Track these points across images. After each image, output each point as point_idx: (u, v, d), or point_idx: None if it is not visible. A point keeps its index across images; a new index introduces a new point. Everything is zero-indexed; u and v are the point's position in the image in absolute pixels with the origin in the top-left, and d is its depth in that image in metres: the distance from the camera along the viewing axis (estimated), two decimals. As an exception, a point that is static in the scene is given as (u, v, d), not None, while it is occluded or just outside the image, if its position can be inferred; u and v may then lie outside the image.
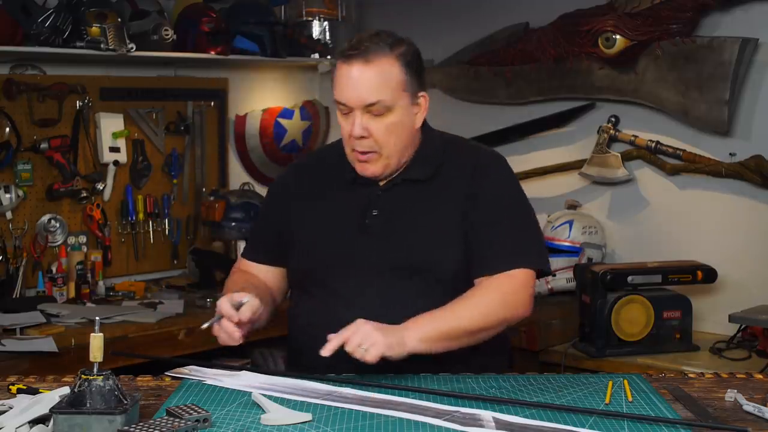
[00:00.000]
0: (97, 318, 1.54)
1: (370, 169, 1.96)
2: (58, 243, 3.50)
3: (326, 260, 2.00)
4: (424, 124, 2.04)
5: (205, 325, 1.88)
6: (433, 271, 1.94)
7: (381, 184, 2.01)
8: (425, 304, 1.89)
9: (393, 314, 1.87)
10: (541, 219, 3.61)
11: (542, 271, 2.02)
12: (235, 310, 1.85)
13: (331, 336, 1.76)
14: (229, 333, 1.85)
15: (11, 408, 1.58)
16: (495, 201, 1.98)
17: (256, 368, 1.80)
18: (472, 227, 1.95)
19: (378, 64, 1.89)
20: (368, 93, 1.89)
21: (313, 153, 2.32)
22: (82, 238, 3.58)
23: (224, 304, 1.86)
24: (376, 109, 1.90)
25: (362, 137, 1.92)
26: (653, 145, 3.39)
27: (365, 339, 1.74)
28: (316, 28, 4.14)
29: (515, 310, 1.93)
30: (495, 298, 1.90)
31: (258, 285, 2.07)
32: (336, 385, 1.75)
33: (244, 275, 2.15)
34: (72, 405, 1.45)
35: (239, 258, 2.25)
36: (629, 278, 3.00)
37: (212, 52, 3.68)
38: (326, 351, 1.74)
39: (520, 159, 3.82)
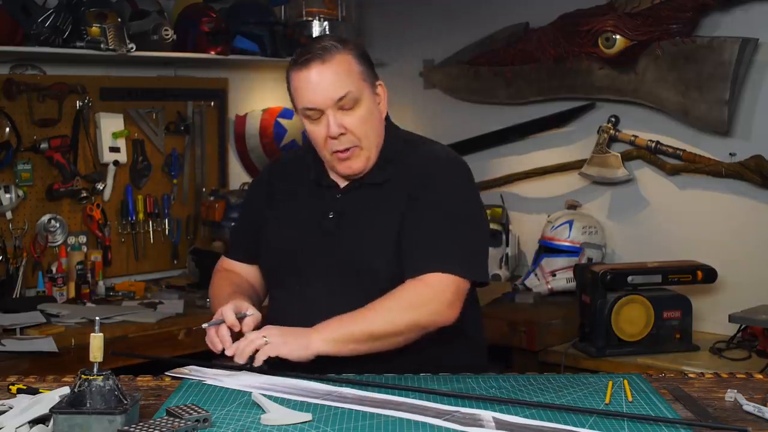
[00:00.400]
0: (97, 318, 1.54)
1: (354, 165, 1.99)
2: (58, 243, 3.50)
3: (283, 260, 2.06)
4: (388, 121, 2.07)
5: (205, 325, 1.91)
6: (375, 273, 1.95)
7: (341, 186, 2.04)
8: (367, 303, 1.91)
9: (337, 311, 1.90)
10: (541, 219, 3.63)
11: (479, 282, 2.01)
12: (237, 320, 1.89)
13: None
14: (223, 340, 1.88)
15: (11, 408, 1.58)
16: (432, 205, 1.97)
17: (255, 368, 1.81)
18: (403, 229, 1.96)
19: (334, 60, 1.93)
20: (335, 88, 1.92)
21: (288, 153, 2.38)
22: (82, 238, 3.58)
23: (228, 312, 1.90)
24: (346, 102, 1.93)
25: (340, 134, 1.94)
26: (653, 145, 3.39)
27: (256, 339, 1.82)
28: (316, 28, 4.14)
29: (429, 315, 1.90)
30: (402, 304, 1.89)
31: (244, 287, 2.12)
32: (336, 385, 1.75)
33: (228, 276, 2.19)
34: (72, 405, 1.45)
35: (221, 258, 2.29)
36: (629, 278, 3.00)
37: (212, 52, 3.69)
38: (229, 351, 1.85)
39: (520, 159, 3.83)
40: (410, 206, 1.97)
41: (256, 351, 1.81)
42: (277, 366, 1.83)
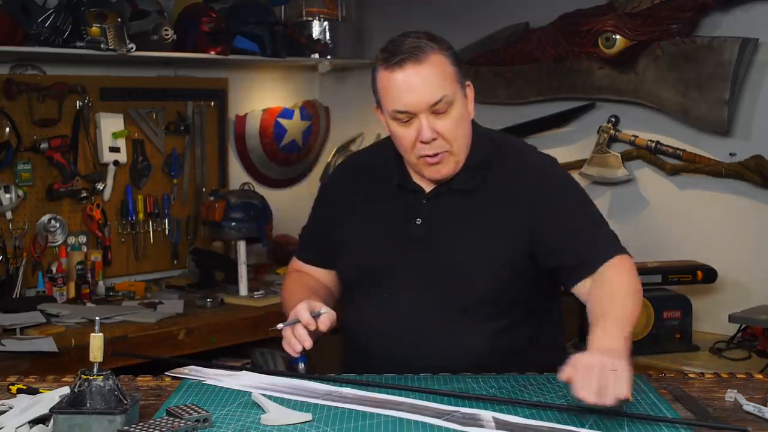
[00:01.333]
0: (97, 318, 1.54)
1: (443, 170, 1.89)
2: (58, 243, 3.50)
3: (363, 266, 1.97)
4: (473, 122, 1.97)
5: (280, 326, 1.83)
6: (471, 285, 1.87)
7: (427, 191, 1.95)
8: (458, 318, 1.87)
9: (424, 325, 1.86)
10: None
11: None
12: (312, 319, 1.81)
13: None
14: (301, 339, 1.80)
15: (11, 408, 1.58)
16: (561, 206, 1.89)
17: (256, 368, 1.80)
18: (548, 235, 1.87)
19: (429, 62, 1.82)
20: (431, 92, 1.81)
21: (360, 154, 2.23)
22: (82, 238, 3.58)
23: (303, 311, 1.81)
24: (440, 107, 1.82)
25: (432, 140, 1.84)
26: (653, 145, 3.39)
27: (604, 377, 1.50)
28: (316, 28, 4.14)
29: (639, 284, 1.85)
30: (629, 290, 1.81)
31: (317, 289, 2.04)
32: (336, 385, 1.75)
33: (301, 277, 2.10)
34: (72, 405, 1.45)
35: (293, 259, 2.19)
36: (629, 278, 2.99)
37: (212, 52, 3.68)
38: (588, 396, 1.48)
39: (520, 159, 3.82)
40: (535, 219, 1.87)
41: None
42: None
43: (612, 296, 1.78)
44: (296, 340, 1.81)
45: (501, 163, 1.94)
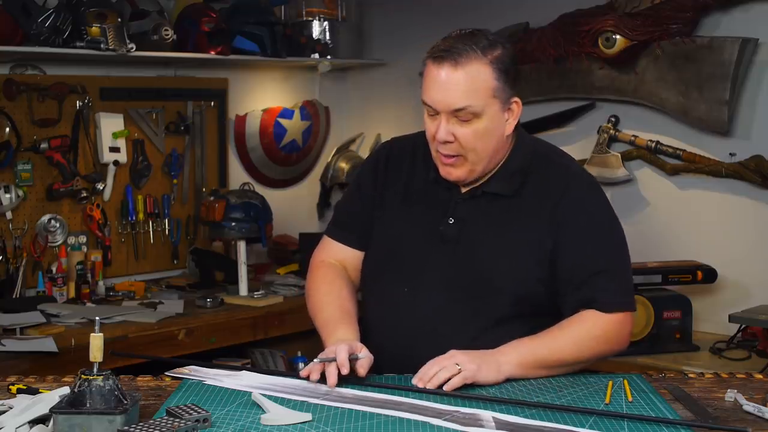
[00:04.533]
0: (97, 318, 1.54)
1: (455, 173, 1.88)
2: (58, 243, 3.50)
3: (391, 260, 1.95)
4: (518, 128, 1.95)
5: (317, 360, 1.77)
6: (500, 290, 1.86)
7: (462, 191, 1.93)
8: (484, 321, 1.85)
9: (449, 327, 1.85)
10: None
11: None
12: (348, 361, 1.75)
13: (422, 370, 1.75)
14: (329, 376, 1.73)
15: (11, 408, 1.58)
16: (587, 236, 1.87)
17: (256, 368, 1.79)
18: (562, 257, 1.86)
19: (468, 68, 1.80)
20: (456, 98, 1.81)
21: (404, 138, 2.14)
22: (82, 238, 3.58)
23: (342, 353, 1.75)
24: (463, 115, 1.81)
25: (447, 141, 1.85)
26: (653, 145, 3.39)
27: (449, 366, 1.72)
28: (316, 28, 4.14)
29: (611, 351, 1.89)
30: (590, 336, 1.84)
31: (350, 303, 1.98)
32: (336, 385, 1.74)
33: (333, 284, 2.01)
34: (72, 405, 1.45)
35: (324, 238, 2.10)
36: (629, 278, 2.99)
37: (212, 52, 3.69)
38: (417, 380, 1.74)
39: (520, 159, 3.82)
40: (563, 234, 1.86)
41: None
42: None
43: (558, 332, 1.84)
44: (317, 372, 1.75)
45: (541, 174, 1.92)
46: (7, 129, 3.35)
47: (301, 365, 3.75)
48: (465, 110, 1.81)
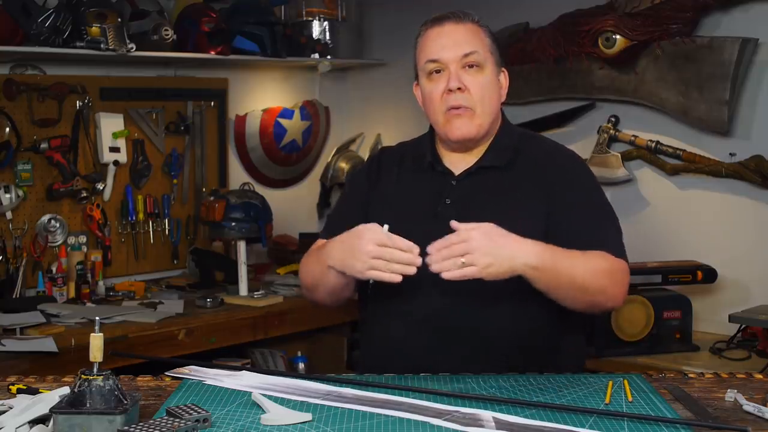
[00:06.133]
0: (97, 318, 1.54)
1: (464, 128, 1.96)
2: (58, 243, 3.50)
3: None
4: (504, 113, 2.07)
5: (386, 227, 1.83)
6: None
7: (456, 174, 2.01)
8: (490, 296, 1.87)
9: (455, 305, 1.88)
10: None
11: None
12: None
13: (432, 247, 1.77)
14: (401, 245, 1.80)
15: (11, 408, 1.58)
16: (581, 197, 1.97)
17: (256, 368, 1.80)
18: (560, 224, 1.92)
19: (468, 25, 1.99)
20: (464, 44, 1.95)
21: (393, 146, 2.26)
22: (82, 238, 3.58)
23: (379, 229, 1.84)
24: (471, 60, 1.95)
25: (458, 89, 1.94)
26: (653, 145, 3.39)
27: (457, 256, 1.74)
28: (316, 28, 4.14)
29: (614, 287, 1.89)
30: (601, 266, 1.87)
31: None
32: (336, 385, 1.75)
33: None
34: (72, 405, 1.45)
35: (316, 242, 2.15)
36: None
37: (212, 52, 3.69)
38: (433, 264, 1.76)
39: (520, 159, 3.82)
40: (559, 202, 1.94)
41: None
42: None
43: (574, 253, 1.85)
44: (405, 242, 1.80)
45: (531, 149, 2.04)
46: (7, 129, 3.35)
47: (301, 365, 3.75)
48: (473, 55, 1.95)
